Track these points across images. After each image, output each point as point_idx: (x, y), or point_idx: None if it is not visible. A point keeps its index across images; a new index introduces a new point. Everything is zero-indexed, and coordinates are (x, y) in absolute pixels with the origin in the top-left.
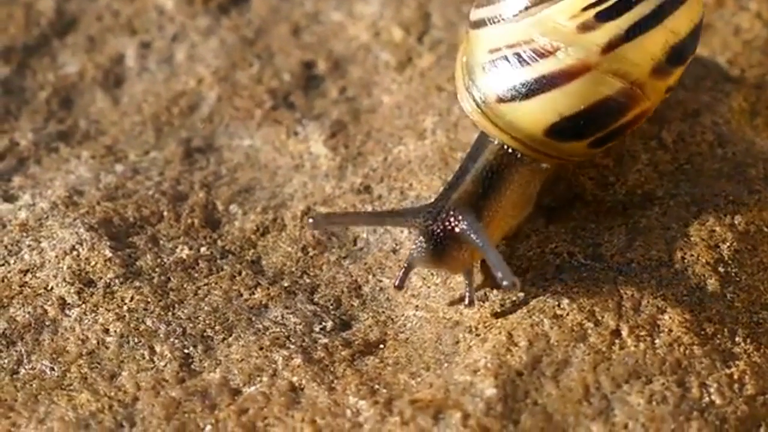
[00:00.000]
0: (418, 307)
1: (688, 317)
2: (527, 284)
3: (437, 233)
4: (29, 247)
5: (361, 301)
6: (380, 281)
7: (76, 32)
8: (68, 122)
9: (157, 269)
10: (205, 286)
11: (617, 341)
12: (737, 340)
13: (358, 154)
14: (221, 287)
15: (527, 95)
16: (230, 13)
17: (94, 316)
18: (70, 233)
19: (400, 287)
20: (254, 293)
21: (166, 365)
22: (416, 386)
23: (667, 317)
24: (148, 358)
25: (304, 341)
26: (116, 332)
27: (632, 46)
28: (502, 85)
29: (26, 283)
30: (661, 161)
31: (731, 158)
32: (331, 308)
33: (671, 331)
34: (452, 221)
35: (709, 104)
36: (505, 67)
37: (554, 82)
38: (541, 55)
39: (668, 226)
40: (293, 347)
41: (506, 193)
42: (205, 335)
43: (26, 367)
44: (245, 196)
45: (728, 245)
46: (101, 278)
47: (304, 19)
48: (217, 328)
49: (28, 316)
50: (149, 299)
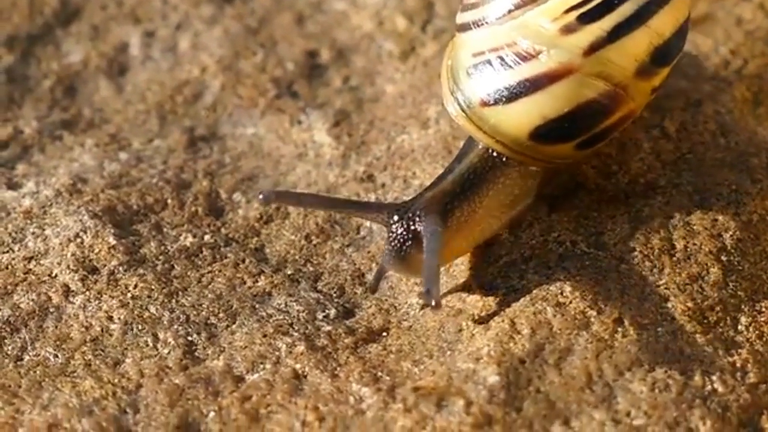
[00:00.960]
0: (421, 293)
1: (690, 306)
2: (530, 272)
3: (401, 233)
4: (33, 234)
5: (364, 289)
6: None
7: (79, 21)
8: (72, 111)
9: (160, 257)
10: (208, 273)
11: (620, 329)
12: (740, 328)
13: (361, 143)
14: (225, 275)
15: (511, 99)
16: (234, 2)
17: (98, 303)
18: (74, 221)
19: (373, 291)
20: (258, 281)
21: (169, 352)
22: (419, 374)
23: (669, 305)
24: (151, 345)
25: (307, 329)
26: (120, 319)
27: (615, 47)
28: (485, 88)
29: (30, 270)
30: (663, 150)
31: (734, 148)
32: (334, 296)
33: (674, 319)
34: (416, 221)
35: (711, 94)
36: (488, 70)
37: (537, 85)
38: (524, 58)
39: (671, 215)
40: (296, 335)
41: (489, 194)
42: (208, 322)
43: (30, 353)
44: (249, 184)
45: (731, 234)
46: (105, 266)
47: (307, 8)
48: (220, 315)
49: (32, 303)
50: (153, 287)
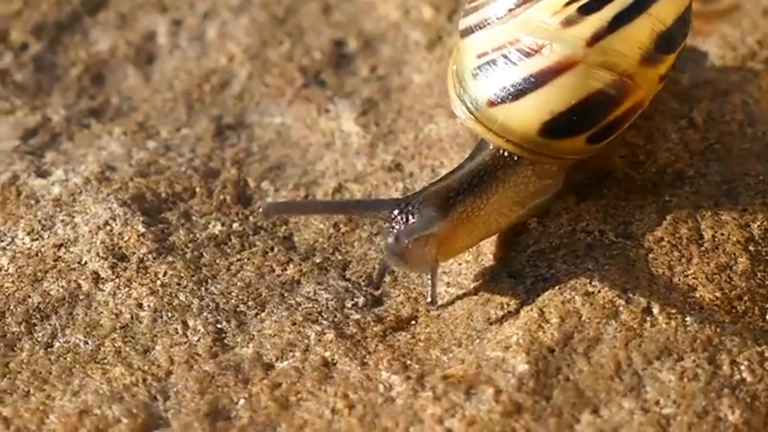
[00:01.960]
0: (449, 283)
1: (718, 295)
2: (558, 261)
3: (399, 228)
4: (63, 221)
5: (392, 277)
6: None
7: (107, 9)
8: (100, 99)
9: (189, 245)
10: (237, 261)
11: (648, 318)
12: None
13: (389, 131)
14: (254, 263)
15: (517, 95)
16: None
17: (127, 290)
18: (103, 208)
19: (376, 288)
20: (286, 269)
21: (199, 339)
22: (448, 362)
23: (698, 295)
24: (181, 332)
25: (336, 317)
26: (150, 307)
27: (617, 36)
28: (491, 88)
29: (60, 257)
30: (691, 140)
31: (761, 138)
32: (362, 284)
33: (702, 308)
34: (414, 214)
35: (738, 84)
36: (493, 69)
37: (542, 79)
38: (527, 54)
39: (699, 204)
40: (325, 323)
41: (499, 191)
42: (238, 310)
43: (60, 340)
44: (277, 173)
45: (759, 224)
46: (134, 253)
47: None
48: (249, 303)
49: (62, 290)
50: (182, 274)
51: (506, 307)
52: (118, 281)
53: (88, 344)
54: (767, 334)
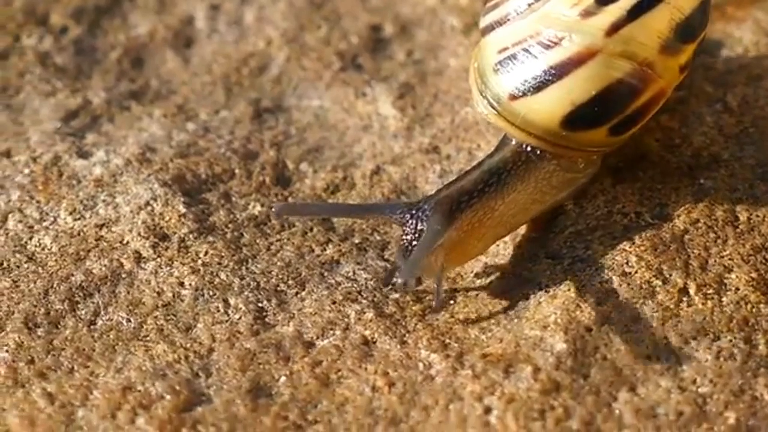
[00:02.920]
0: (487, 264)
1: (754, 276)
2: (595, 242)
3: (409, 232)
4: (104, 202)
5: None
6: None
7: None
8: (139, 82)
9: (230, 225)
10: (277, 242)
11: (685, 299)
12: None
13: (425, 115)
14: (293, 243)
15: (538, 88)
16: None
17: (169, 269)
18: (144, 189)
19: (385, 285)
20: (326, 249)
21: (240, 318)
22: (487, 341)
23: (733, 276)
24: (222, 310)
25: (375, 296)
26: (191, 285)
27: (637, 25)
28: (512, 82)
29: (102, 236)
30: (726, 124)
31: None
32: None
33: (738, 289)
34: (424, 221)
35: None
36: (513, 63)
37: (563, 70)
38: (547, 46)
39: (734, 187)
40: (365, 302)
41: (517, 190)
42: (278, 289)
43: (103, 318)
44: (315, 155)
45: None
46: (175, 233)
47: None
48: (290, 282)
49: (104, 268)
50: (223, 254)
51: (544, 287)
52: (159, 260)
53: (130, 322)
54: None
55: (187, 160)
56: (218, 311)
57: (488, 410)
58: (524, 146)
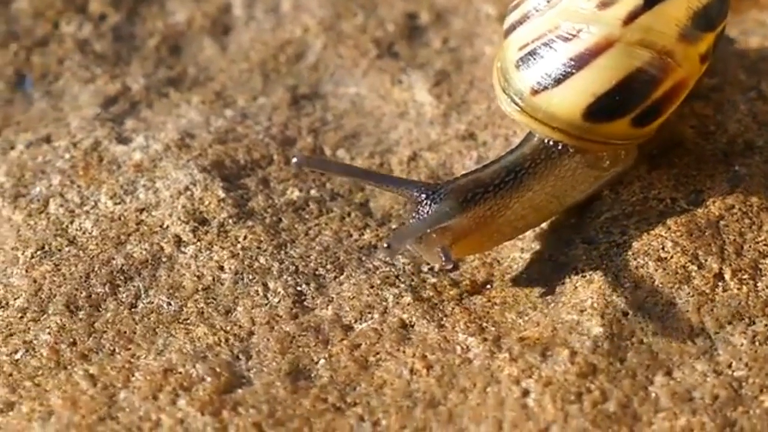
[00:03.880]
0: (523, 249)
1: None
2: (631, 228)
3: (421, 212)
4: (144, 186)
5: None
6: None
7: None
8: (177, 68)
9: (268, 210)
10: (315, 226)
11: (720, 284)
12: None
13: (461, 102)
14: (331, 228)
15: (559, 80)
16: None
17: (208, 253)
18: (183, 174)
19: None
20: (363, 234)
21: (279, 301)
22: (524, 324)
23: None
24: (262, 294)
25: (413, 281)
26: (231, 269)
27: (653, 13)
28: (533, 76)
29: (142, 221)
30: (760, 112)
31: None
32: None
33: None
34: (436, 203)
35: None
36: (534, 58)
37: (582, 62)
38: (566, 39)
39: None
40: (403, 286)
41: (536, 189)
42: (317, 273)
43: (144, 301)
44: (352, 141)
45: None
46: (215, 218)
47: None
48: (328, 266)
49: (144, 252)
50: (262, 238)
51: (580, 272)
52: (199, 244)
53: (171, 305)
54: None
55: (225, 145)
56: (258, 295)
57: (526, 393)
58: (546, 142)
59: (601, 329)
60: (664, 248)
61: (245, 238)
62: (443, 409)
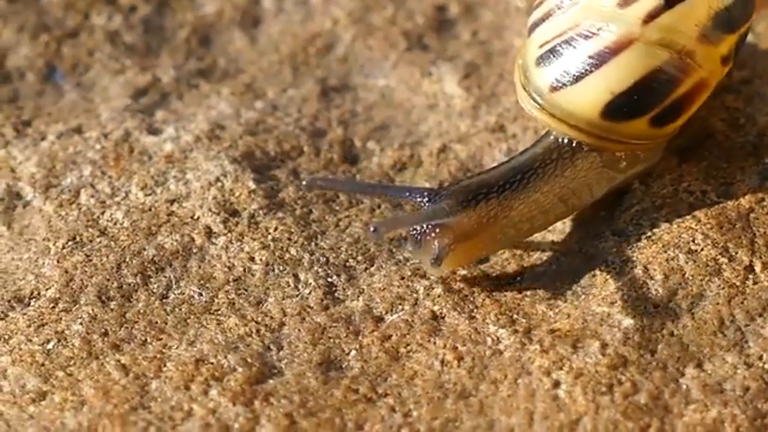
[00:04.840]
0: (553, 241)
1: None
2: (661, 220)
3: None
4: (175, 178)
5: None
6: None
7: None
8: (207, 60)
9: (299, 201)
10: (345, 218)
11: (751, 276)
12: None
13: (491, 94)
14: (361, 219)
15: (578, 78)
16: None
17: (239, 244)
18: (214, 165)
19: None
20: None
21: (310, 293)
22: (554, 316)
23: None
24: (293, 285)
25: (443, 272)
26: (261, 260)
27: (674, 13)
28: (552, 73)
29: (173, 212)
30: None
31: None
32: None
33: None
34: (435, 203)
35: None
36: (554, 56)
37: (601, 60)
38: (586, 37)
39: None
40: (433, 278)
41: (544, 191)
42: (347, 265)
43: (175, 292)
44: (382, 133)
45: None
46: (245, 209)
47: None
48: (359, 258)
49: (175, 243)
50: (292, 229)
51: (611, 264)
52: (230, 236)
53: (202, 296)
54: None
55: (255, 137)
56: (288, 286)
57: (557, 384)
58: (561, 141)
59: (631, 321)
60: (694, 241)
61: (276, 229)
62: (474, 400)
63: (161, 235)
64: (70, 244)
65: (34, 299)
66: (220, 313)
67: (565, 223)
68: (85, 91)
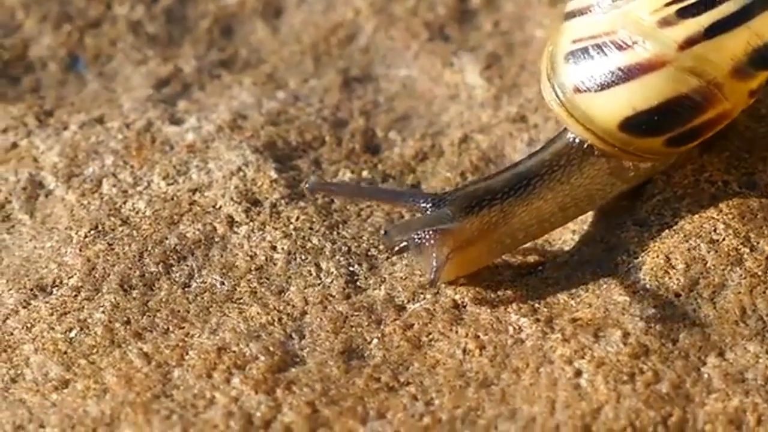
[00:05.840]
0: (575, 231)
1: None
2: (683, 210)
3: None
4: (197, 167)
5: None
6: None
7: None
8: (229, 50)
9: (320, 191)
10: (367, 207)
11: None
12: None
13: (513, 85)
14: (383, 209)
15: (603, 86)
16: None
17: (261, 234)
18: (236, 155)
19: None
20: (415, 216)
21: (332, 281)
22: (576, 306)
23: None
24: (314, 274)
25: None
26: (283, 249)
27: (711, 44)
28: (579, 75)
29: (195, 201)
30: None
31: None
32: None
33: None
34: (438, 209)
35: None
36: (584, 57)
37: (630, 74)
38: (619, 47)
39: None
40: None
41: (548, 198)
42: (369, 254)
43: (197, 281)
44: (403, 123)
45: None
46: (267, 198)
47: None
48: (380, 247)
49: (197, 232)
50: (314, 219)
51: (632, 253)
52: (252, 225)
53: (224, 285)
54: None
55: (277, 127)
56: (310, 275)
57: (578, 373)
58: (573, 141)
59: (653, 310)
60: (716, 230)
61: (297, 218)
62: (496, 389)
63: (183, 224)
64: (92, 232)
65: (56, 288)
66: (242, 301)
67: (587, 214)
68: (107, 81)
